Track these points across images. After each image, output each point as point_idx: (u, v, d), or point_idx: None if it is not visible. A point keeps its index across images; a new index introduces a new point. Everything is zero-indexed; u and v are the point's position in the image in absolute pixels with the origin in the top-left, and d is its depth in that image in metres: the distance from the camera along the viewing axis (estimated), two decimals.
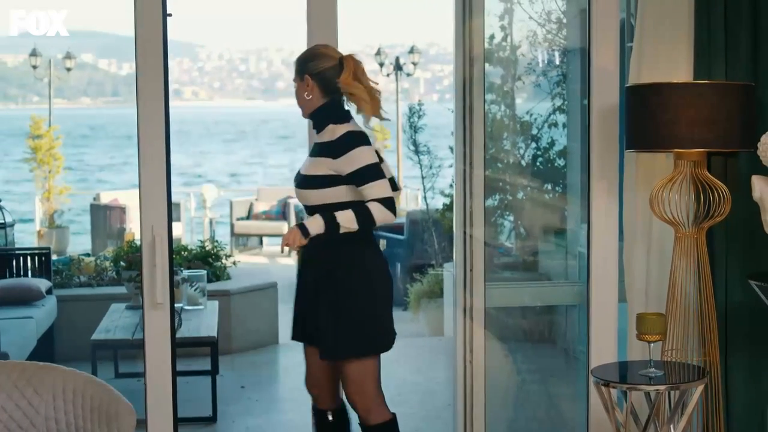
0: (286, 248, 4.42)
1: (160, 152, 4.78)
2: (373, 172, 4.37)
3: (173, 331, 4.90)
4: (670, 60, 5.10)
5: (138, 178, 4.81)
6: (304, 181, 4.47)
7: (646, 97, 4.82)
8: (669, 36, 5.09)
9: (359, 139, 4.41)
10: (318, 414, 4.80)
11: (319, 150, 4.47)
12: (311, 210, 4.45)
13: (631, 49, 5.26)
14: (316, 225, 4.34)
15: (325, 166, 4.41)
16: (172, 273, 4.86)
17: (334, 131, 4.43)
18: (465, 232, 5.31)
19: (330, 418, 4.77)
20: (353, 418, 4.75)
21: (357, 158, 4.37)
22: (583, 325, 5.49)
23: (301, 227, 4.37)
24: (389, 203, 4.35)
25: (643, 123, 4.81)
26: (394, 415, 4.66)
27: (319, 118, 4.52)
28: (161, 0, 4.76)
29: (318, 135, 4.52)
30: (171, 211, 4.88)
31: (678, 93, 4.74)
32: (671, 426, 4.61)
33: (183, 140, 47.93)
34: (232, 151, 48.09)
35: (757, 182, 4.79)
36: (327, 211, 4.35)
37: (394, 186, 4.51)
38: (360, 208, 4.34)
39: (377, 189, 4.35)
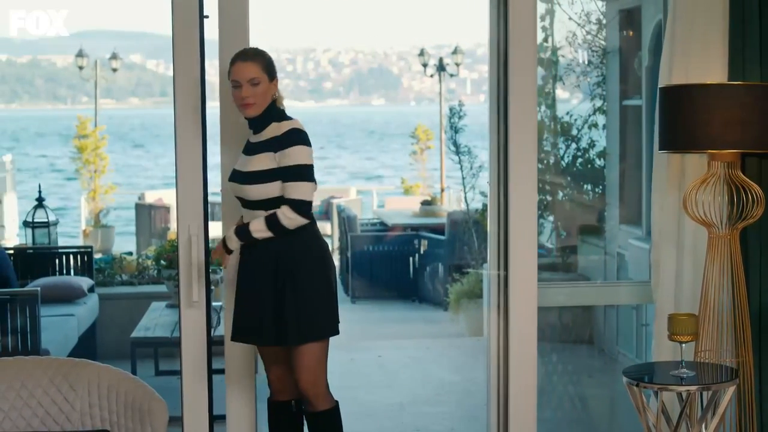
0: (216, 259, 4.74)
1: (196, 152, 4.84)
2: (303, 172, 4.51)
3: (209, 329, 4.94)
4: (703, 60, 5.09)
5: (175, 178, 4.87)
6: (244, 178, 4.53)
7: (679, 97, 4.82)
8: (702, 36, 5.08)
9: (303, 137, 4.54)
10: (278, 406, 4.81)
11: (261, 147, 4.55)
12: (252, 205, 4.55)
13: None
14: (233, 240, 4.57)
15: (267, 160, 4.51)
16: (208, 272, 4.91)
17: (279, 128, 4.54)
18: (499, 231, 5.31)
19: (294, 408, 4.81)
20: None
21: (295, 154, 4.50)
22: (621, 326, 5.50)
23: (223, 242, 4.60)
24: (302, 207, 4.48)
25: (677, 124, 4.81)
26: (337, 401, 4.72)
27: (264, 118, 4.58)
28: (198, 1, 4.81)
29: (257, 134, 4.59)
30: (207, 210, 4.93)
31: (712, 94, 4.73)
32: (703, 426, 4.61)
33: None
34: None
35: None
36: (268, 205, 4.50)
37: None
38: (269, 215, 4.51)
39: (298, 190, 4.48)
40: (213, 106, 4.92)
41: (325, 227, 15.93)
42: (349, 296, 12.34)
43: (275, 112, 4.59)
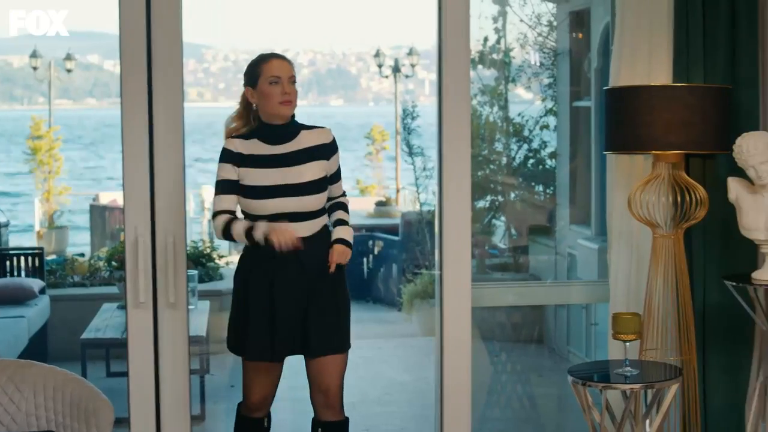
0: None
1: (142, 153, 4.82)
2: (340, 172, 4.67)
3: (156, 330, 4.93)
4: (650, 62, 5.14)
5: (122, 179, 4.86)
6: (300, 190, 4.44)
7: (624, 99, 4.87)
8: (648, 38, 5.13)
9: None
10: (254, 423, 4.78)
11: (305, 155, 4.48)
12: (301, 217, 4.44)
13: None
14: (349, 232, 4.56)
15: (320, 169, 4.49)
16: (155, 273, 4.89)
17: (320, 134, 4.52)
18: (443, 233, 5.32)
19: (266, 424, 4.83)
20: None
21: (338, 159, 4.62)
22: (571, 325, 5.54)
23: (346, 243, 4.51)
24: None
25: (622, 125, 4.86)
26: None
27: (293, 124, 4.53)
28: (145, 2, 4.80)
29: (287, 143, 4.48)
30: (154, 211, 4.89)
31: (656, 95, 4.78)
32: (647, 424, 4.66)
33: (194, 140, 47.93)
34: None
35: (733, 184, 4.84)
36: (315, 216, 4.48)
37: None
38: (343, 207, 4.61)
39: (341, 185, 4.65)
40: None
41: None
42: None
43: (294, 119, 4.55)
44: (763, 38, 5.21)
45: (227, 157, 4.48)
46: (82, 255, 11.46)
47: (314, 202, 4.46)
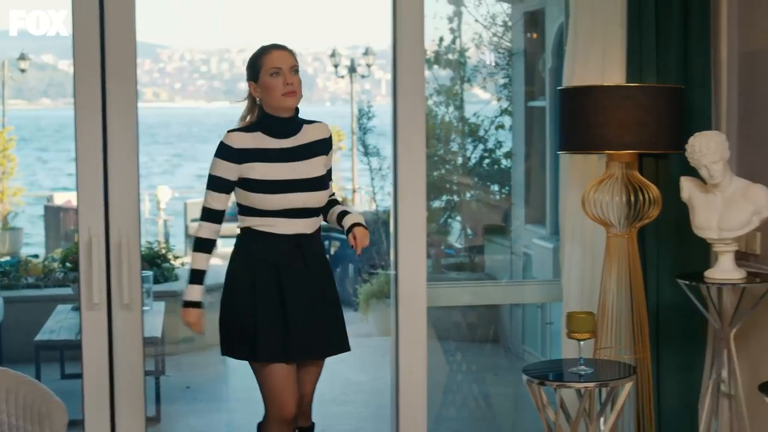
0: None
1: (96, 153, 4.79)
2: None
3: (111, 331, 4.90)
4: (603, 62, 5.17)
5: (76, 179, 4.83)
6: (307, 185, 4.32)
7: (578, 99, 4.89)
8: (602, 38, 5.16)
9: None
10: None
11: (309, 150, 4.37)
12: (306, 213, 4.33)
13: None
14: (361, 217, 4.43)
15: (322, 164, 4.40)
16: (109, 273, 4.87)
17: (320, 129, 4.43)
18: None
19: None
20: None
21: (332, 156, 4.53)
22: (527, 324, 5.54)
23: (365, 227, 4.39)
24: None
25: (575, 125, 4.88)
26: None
27: (296, 118, 4.39)
28: (98, 2, 4.77)
29: (292, 137, 4.36)
30: (108, 211, 4.86)
31: (609, 95, 4.81)
32: (601, 422, 4.69)
33: (150, 141, 47.75)
34: (195, 152, 47.90)
35: (685, 183, 4.88)
36: (320, 210, 4.42)
37: None
38: (339, 203, 4.57)
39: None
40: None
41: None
42: None
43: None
44: (715, 38, 5.26)
45: (226, 153, 4.31)
46: (36, 256, 11.37)
47: (322, 197, 4.38)
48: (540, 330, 7.21)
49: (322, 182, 4.37)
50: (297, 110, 4.37)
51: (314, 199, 4.34)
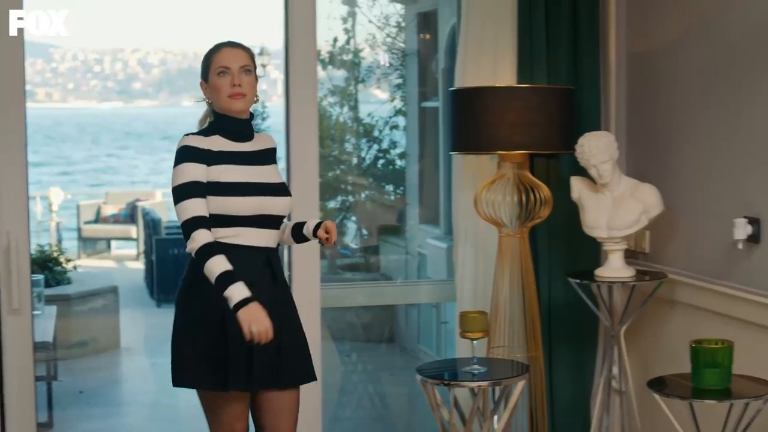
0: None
1: (18, 157, 4.73)
2: None
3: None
4: (495, 63, 5.20)
5: None
6: (277, 190, 3.96)
7: (469, 100, 4.92)
8: (493, 39, 5.19)
9: None
10: None
11: (265, 157, 4.00)
12: (274, 223, 3.95)
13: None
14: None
15: (277, 172, 4.05)
16: (30, 278, 4.80)
17: (269, 139, 4.08)
18: None
19: None
20: None
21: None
22: (422, 324, 5.54)
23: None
24: None
25: (467, 126, 4.91)
26: None
27: (250, 122, 4.04)
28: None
29: (249, 142, 3.98)
30: (29, 216, 4.80)
31: (500, 96, 4.84)
32: (494, 420, 4.72)
33: (41, 142, 47.07)
34: (88, 152, 47.32)
35: (575, 183, 4.95)
36: (282, 221, 4.03)
37: None
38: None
39: None
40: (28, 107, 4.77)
41: (129, 231, 15.74)
42: (154, 300, 12.19)
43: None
44: (604, 40, 5.33)
45: (194, 155, 3.87)
46: None
47: (288, 205, 4.00)
48: (435, 329, 7.24)
49: (285, 189, 4.01)
50: (252, 115, 4.03)
51: (282, 205, 3.96)
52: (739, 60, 4.47)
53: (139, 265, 14.47)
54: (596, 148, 4.74)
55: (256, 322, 3.69)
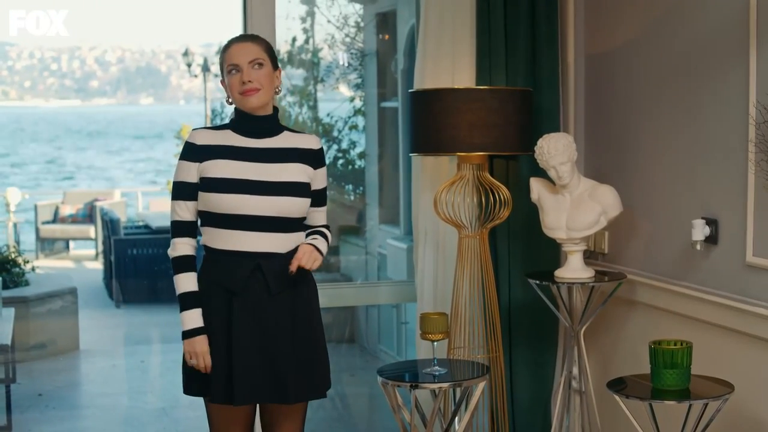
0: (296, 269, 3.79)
1: None
2: (326, 196, 4.06)
3: None
4: (454, 64, 5.21)
5: None
6: (276, 189, 3.79)
7: (427, 101, 4.92)
8: (452, 41, 5.20)
9: None
10: None
11: (287, 155, 3.88)
12: (276, 226, 3.82)
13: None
14: (324, 246, 3.91)
15: (301, 173, 3.86)
16: None
17: (307, 140, 3.96)
18: None
19: None
20: None
21: (324, 176, 4.03)
22: (382, 324, 5.55)
23: (316, 248, 3.84)
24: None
25: (426, 127, 4.91)
26: None
27: (275, 119, 3.95)
28: None
29: (269, 138, 3.89)
30: None
31: (459, 98, 4.85)
32: (455, 422, 4.73)
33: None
34: (45, 152, 47.04)
35: (535, 184, 4.96)
36: (287, 226, 3.84)
37: None
38: (323, 234, 3.98)
39: (325, 215, 4.07)
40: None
41: (88, 231, 15.65)
42: (113, 301, 12.14)
43: (278, 115, 3.97)
44: (563, 41, 5.35)
45: (186, 152, 3.85)
46: None
47: (291, 206, 3.80)
48: (396, 329, 7.25)
49: (294, 189, 3.82)
50: (276, 110, 3.96)
51: (282, 206, 3.79)
52: (696, 60, 4.50)
53: (98, 265, 14.40)
54: (555, 150, 4.76)
55: (195, 356, 3.79)
